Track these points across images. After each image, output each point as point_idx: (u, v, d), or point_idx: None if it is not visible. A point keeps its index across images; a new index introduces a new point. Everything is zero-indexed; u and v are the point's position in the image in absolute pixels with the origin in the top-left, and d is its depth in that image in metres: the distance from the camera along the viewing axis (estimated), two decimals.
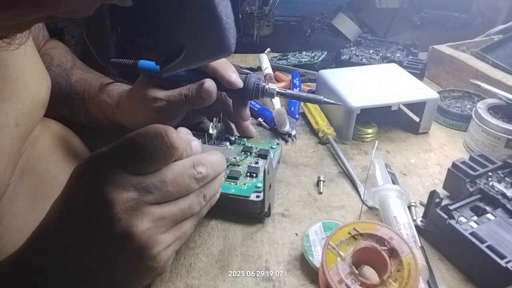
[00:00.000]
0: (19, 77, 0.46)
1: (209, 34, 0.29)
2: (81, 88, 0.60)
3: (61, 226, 0.32)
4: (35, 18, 0.27)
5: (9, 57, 0.45)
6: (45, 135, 0.54)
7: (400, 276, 0.34)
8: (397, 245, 0.36)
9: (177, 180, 0.33)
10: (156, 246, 0.32)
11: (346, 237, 0.37)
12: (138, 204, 0.31)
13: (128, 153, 0.32)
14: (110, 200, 0.30)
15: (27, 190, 0.47)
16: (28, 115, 0.47)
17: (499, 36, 0.85)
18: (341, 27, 1.92)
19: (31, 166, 0.49)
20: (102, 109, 0.59)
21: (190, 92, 0.49)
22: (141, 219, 0.31)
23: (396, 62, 0.77)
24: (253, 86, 0.52)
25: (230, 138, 0.55)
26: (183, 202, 0.34)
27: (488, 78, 0.69)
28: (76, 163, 0.34)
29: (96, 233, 0.31)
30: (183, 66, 0.31)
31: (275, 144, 0.55)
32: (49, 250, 0.32)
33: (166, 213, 0.33)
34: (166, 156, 0.33)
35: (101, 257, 0.31)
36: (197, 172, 0.35)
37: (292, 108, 0.68)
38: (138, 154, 0.32)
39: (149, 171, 0.33)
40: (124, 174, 0.31)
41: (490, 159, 0.50)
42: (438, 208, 0.43)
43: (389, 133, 0.65)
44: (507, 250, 0.38)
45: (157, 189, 0.32)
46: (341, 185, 0.54)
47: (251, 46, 1.87)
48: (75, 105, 0.61)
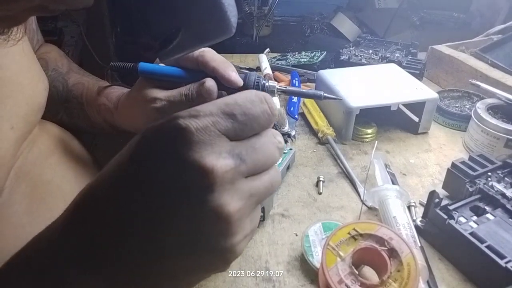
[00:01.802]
0: (13, 79, 0.45)
1: (206, 13, 0.27)
2: (79, 92, 0.60)
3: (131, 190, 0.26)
4: (25, 6, 0.23)
5: (3, 59, 0.44)
6: (43, 138, 0.54)
7: (400, 276, 0.34)
8: (397, 246, 0.36)
9: (264, 148, 0.29)
10: (240, 232, 0.27)
11: (346, 238, 0.37)
12: (234, 175, 0.26)
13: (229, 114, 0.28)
14: (207, 166, 0.25)
15: (22, 194, 0.46)
16: (24, 118, 0.46)
17: (498, 36, 0.85)
18: (340, 27, 1.92)
19: (27, 170, 0.48)
20: (101, 113, 0.58)
21: (190, 91, 0.49)
22: (233, 196, 0.26)
23: (395, 62, 0.77)
24: (253, 84, 0.52)
25: None
26: (266, 177, 0.29)
27: (487, 78, 0.69)
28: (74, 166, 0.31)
29: (182, 206, 0.25)
30: (181, 49, 0.29)
31: (287, 149, 0.55)
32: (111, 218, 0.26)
33: (254, 189, 0.28)
34: (267, 122, 0.29)
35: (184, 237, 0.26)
36: (278, 141, 0.30)
37: (291, 108, 0.68)
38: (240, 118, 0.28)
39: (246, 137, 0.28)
40: (220, 138, 0.27)
41: (490, 159, 0.50)
42: (437, 208, 0.43)
43: (388, 133, 0.65)
44: (507, 250, 0.38)
45: (250, 157, 0.27)
46: (340, 186, 0.54)
47: (250, 46, 1.87)
48: (73, 110, 0.60)
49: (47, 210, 0.48)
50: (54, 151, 0.54)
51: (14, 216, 0.44)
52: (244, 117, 0.28)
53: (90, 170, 0.58)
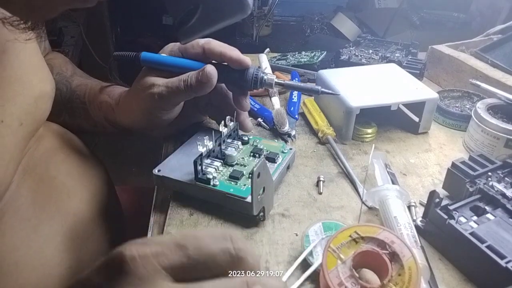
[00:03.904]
0: (24, 78, 0.47)
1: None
2: (82, 92, 0.61)
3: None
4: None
5: (15, 58, 0.46)
6: (48, 137, 0.55)
7: (401, 280, 0.34)
8: (398, 249, 0.36)
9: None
10: None
11: (347, 240, 0.37)
12: None
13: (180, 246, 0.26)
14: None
15: (28, 189, 0.48)
16: (32, 115, 0.48)
17: (498, 36, 0.85)
18: (340, 27, 1.92)
19: (33, 165, 0.50)
20: (102, 110, 0.59)
21: (189, 77, 0.49)
22: None
23: (395, 62, 0.77)
24: (252, 76, 0.53)
25: (243, 138, 0.54)
26: None
27: (488, 78, 0.69)
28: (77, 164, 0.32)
29: None
30: (200, 29, 0.29)
31: (287, 149, 0.54)
32: None
33: None
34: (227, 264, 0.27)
35: None
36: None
37: (291, 108, 0.68)
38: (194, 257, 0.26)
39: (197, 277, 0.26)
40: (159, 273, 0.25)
41: (490, 159, 0.50)
42: (438, 208, 0.43)
43: (388, 133, 0.65)
44: (507, 250, 0.38)
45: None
46: (341, 185, 0.54)
47: (250, 46, 1.87)
48: (75, 109, 0.61)
49: (52, 204, 0.50)
50: (58, 150, 0.56)
51: (21, 209, 0.46)
52: (197, 251, 0.26)
53: (91, 168, 0.60)
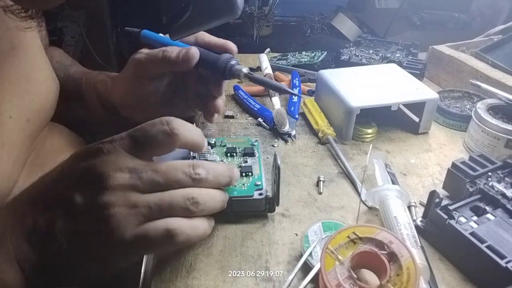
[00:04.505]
0: (31, 75, 0.48)
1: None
2: (78, 76, 0.63)
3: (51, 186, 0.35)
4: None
5: (23, 54, 0.47)
6: (53, 136, 0.56)
7: (399, 280, 0.34)
8: (396, 249, 0.36)
9: (169, 172, 0.34)
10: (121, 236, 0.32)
11: (345, 241, 0.37)
12: (126, 186, 0.33)
13: (132, 136, 0.35)
14: (105, 173, 0.32)
15: None
16: (39, 113, 0.49)
17: (498, 36, 0.85)
18: (340, 27, 1.92)
19: (40, 163, 0.51)
20: (97, 89, 0.60)
21: (170, 52, 0.50)
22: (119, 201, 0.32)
23: (395, 62, 0.77)
24: (223, 64, 0.53)
25: (210, 141, 0.53)
26: (165, 196, 0.34)
27: (488, 78, 0.69)
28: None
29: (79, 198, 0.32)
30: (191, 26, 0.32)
31: (255, 141, 0.54)
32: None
33: (142, 202, 0.33)
34: (165, 142, 0.35)
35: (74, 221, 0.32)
36: (194, 172, 0.35)
37: (291, 108, 0.68)
38: (140, 138, 0.34)
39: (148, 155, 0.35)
40: (124, 156, 0.34)
41: (490, 159, 0.50)
42: (438, 208, 0.43)
43: (388, 133, 0.65)
44: (507, 250, 0.38)
45: (148, 177, 0.33)
46: (341, 185, 0.54)
47: (251, 46, 1.87)
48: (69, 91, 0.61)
49: None
50: (64, 149, 0.56)
51: None
52: (143, 137, 0.35)
53: None
